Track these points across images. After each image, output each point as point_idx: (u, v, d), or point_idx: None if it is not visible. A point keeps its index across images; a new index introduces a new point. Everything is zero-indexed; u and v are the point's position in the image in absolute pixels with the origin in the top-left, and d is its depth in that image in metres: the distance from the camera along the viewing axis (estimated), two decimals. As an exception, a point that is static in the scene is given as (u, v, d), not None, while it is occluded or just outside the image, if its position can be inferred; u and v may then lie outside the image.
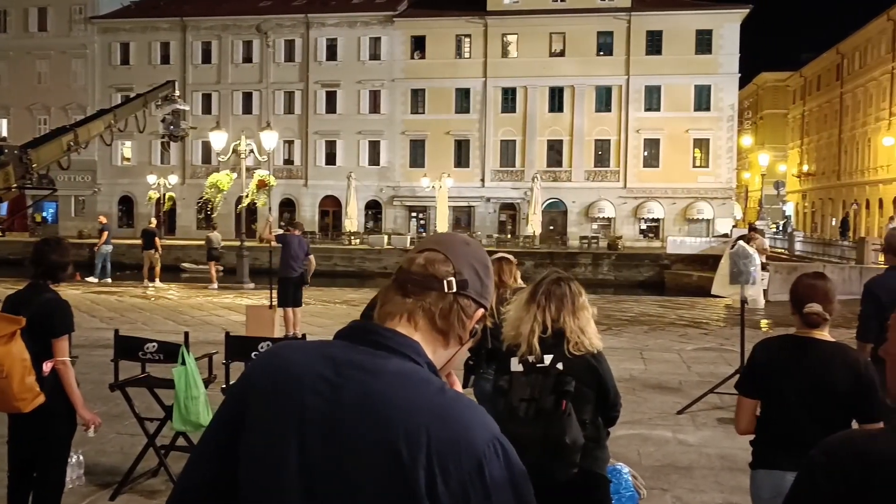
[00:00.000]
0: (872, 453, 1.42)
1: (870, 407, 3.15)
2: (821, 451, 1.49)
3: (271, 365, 1.39)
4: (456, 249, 1.44)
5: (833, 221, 60.36)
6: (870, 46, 58.71)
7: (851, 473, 1.41)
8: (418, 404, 1.28)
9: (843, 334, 5.55)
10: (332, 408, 1.29)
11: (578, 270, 37.48)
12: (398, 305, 1.40)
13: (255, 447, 1.34)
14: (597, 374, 3.45)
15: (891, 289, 4.89)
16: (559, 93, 51.93)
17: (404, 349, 1.34)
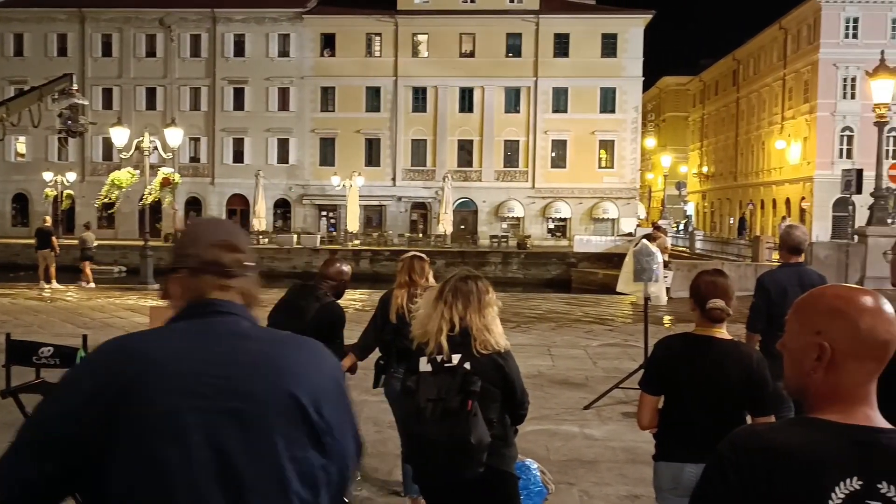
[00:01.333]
0: (775, 446, 1.48)
1: (762, 401, 3.29)
2: (727, 444, 1.54)
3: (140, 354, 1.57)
4: (242, 240, 1.75)
5: (731, 221, 62.84)
6: (763, 54, 61.38)
7: (756, 466, 1.47)
8: (295, 356, 1.63)
9: (738, 329, 5.78)
10: (228, 371, 1.55)
11: (489, 269, 37.84)
12: (225, 287, 1.68)
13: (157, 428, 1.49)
14: (503, 373, 3.48)
15: (780, 284, 5.15)
16: (469, 93, 52.35)
17: (240, 311, 1.67)
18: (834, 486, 1.42)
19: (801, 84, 54.20)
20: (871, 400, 1.52)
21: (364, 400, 7.56)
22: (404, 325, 4.53)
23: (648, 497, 5.07)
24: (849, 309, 1.52)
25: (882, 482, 1.42)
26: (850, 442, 1.45)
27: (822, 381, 1.53)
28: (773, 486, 1.44)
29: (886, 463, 1.43)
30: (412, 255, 5.40)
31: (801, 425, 1.53)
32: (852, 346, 1.50)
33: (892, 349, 1.52)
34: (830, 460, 1.44)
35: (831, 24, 50.58)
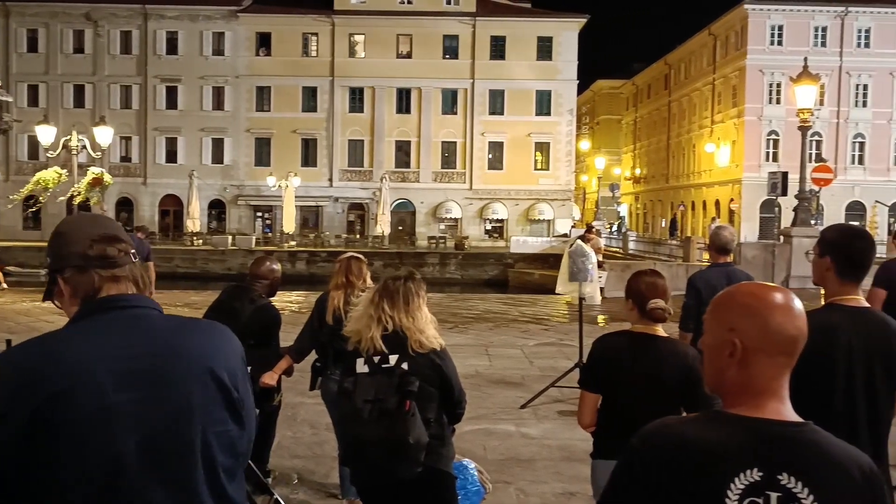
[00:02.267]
0: (685, 439, 1.53)
1: (697, 399, 3.34)
2: (638, 438, 1.59)
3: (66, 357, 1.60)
4: (120, 230, 1.82)
5: (662, 222, 64.20)
6: (693, 59, 62.90)
7: (665, 459, 1.51)
8: (209, 338, 1.77)
9: (669, 328, 5.91)
10: (152, 360, 1.64)
11: (427, 270, 37.88)
12: (116, 278, 1.75)
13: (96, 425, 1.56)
14: (441, 373, 3.50)
15: (710, 283, 5.31)
16: (406, 94, 52.33)
17: (144, 303, 1.75)
18: (733, 478, 1.46)
19: (729, 89, 55.70)
20: (782, 394, 1.57)
21: (300, 402, 7.50)
22: (341, 327, 4.51)
23: (583, 494, 5.16)
24: (758, 306, 1.57)
25: (783, 473, 1.46)
26: (755, 435, 1.50)
27: (734, 377, 1.58)
28: (675, 478, 1.49)
29: (788, 455, 1.48)
30: (349, 255, 5.38)
31: (710, 419, 1.58)
32: (762, 341, 1.55)
33: (801, 344, 1.58)
34: (732, 452, 1.48)
35: (758, 31, 52.11)
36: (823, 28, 52.04)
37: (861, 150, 53.06)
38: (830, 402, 2.77)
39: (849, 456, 1.53)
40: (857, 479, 1.49)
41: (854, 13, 51.72)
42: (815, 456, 1.50)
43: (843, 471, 1.49)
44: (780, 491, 1.46)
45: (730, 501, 1.46)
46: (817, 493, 1.46)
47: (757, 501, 1.46)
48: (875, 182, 51.98)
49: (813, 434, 1.53)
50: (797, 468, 1.47)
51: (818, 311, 2.93)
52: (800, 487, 1.46)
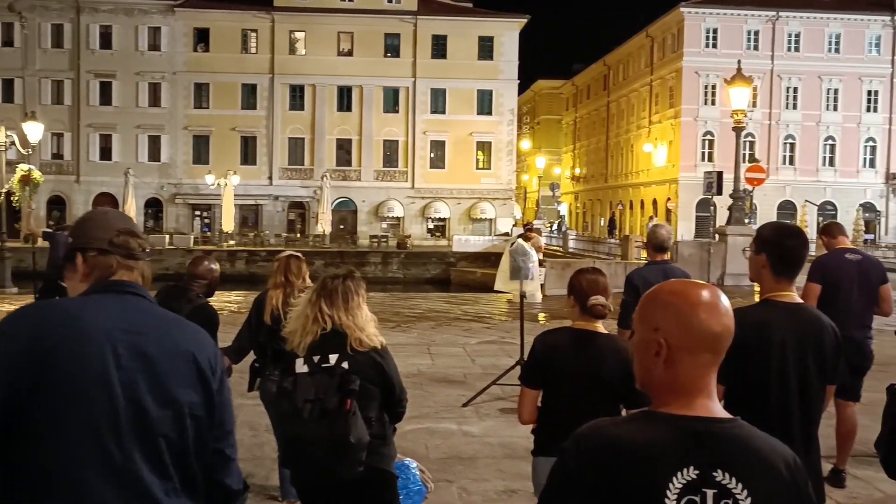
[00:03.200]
0: (615, 440, 1.53)
1: (636, 395, 3.36)
2: (572, 440, 1.59)
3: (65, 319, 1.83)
4: (139, 229, 2.07)
5: (602, 221, 65.13)
6: (631, 60, 63.96)
7: (599, 460, 1.51)
8: (191, 330, 1.99)
9: (607, 325, 5.95)
10: (141, 336, 1.85)
11: (368, 269, 37.74)
12: (130, 268, 1.99)
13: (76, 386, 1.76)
14: (382, 371, 3.47)
15: (647, 280, 5.39)
16: (348, 92, 52.03)
17: (143, 293, 1.97)
18: (671, 477, 1.47)
19: (666, 90, 56.78)
20: (710, 391, 1.58)
21: (240, 404, 7.36)
22: (279, 327, 4.44)
23: (525, 491, 5.18)
24: (681, 304, 1.58)
25: (717, 470, 1.48)
26: (688, 433, 1.51)
27: (662, 375, 1.59)
28: (612, 480, 1.49)
29: (721, 452, 1.50)
30: (288, 254, 5.31)
31: (642, 419, 1.58)
32: (686, 340, 1.56)
33: (724, 341, 1.59)
34: (668, 452, 1.49)
35: (693, 33, 53.24)
36: (756, 32, 53.43)
37: (792, 151, 54.67)
38: (766, 397, 2.81)
39: (774, 450, 1.55)
40: (783, 472, 1.52)
41: (784, 18, 53.24)
42: (745, 451, 1.52)
43: (771, 464, 1.52)
44: (716, 487, 1.47)
45: (669, 501, 1.47)
46: (750, 487, 1.48)
47: (694, 500, 1.46)
48: (805, 182, 53.61)
49: (741, 429, 1.55)
50: (730, 464, 1.49)
51: (754, 307, 2.98)
52: (734, 483, 1.48)
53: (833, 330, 2.96)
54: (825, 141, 54.69)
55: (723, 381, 2.29)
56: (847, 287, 5.31)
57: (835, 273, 5.73)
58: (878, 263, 6.15)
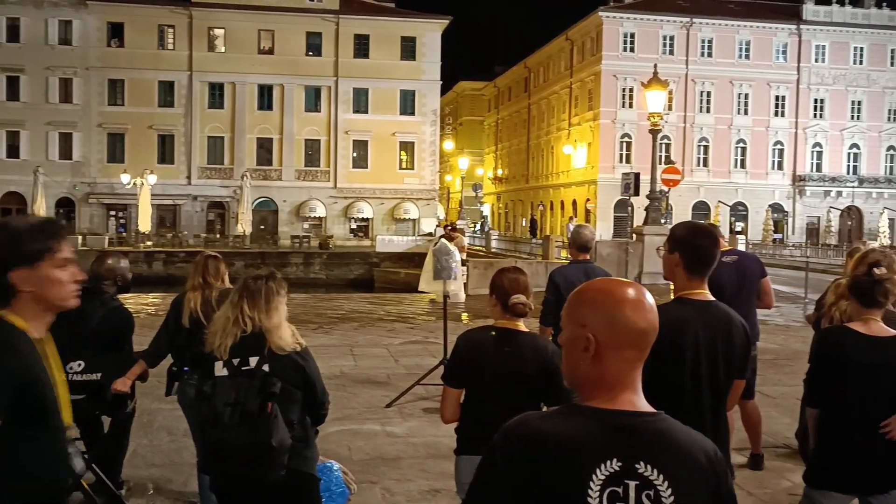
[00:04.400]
0: (545, 435, 1.56)
1: (556, 392, 3.40)
2: (500, 434, 1.61)
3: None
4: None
5: (523, 221, 65.94)
6: (552, 63, 64.95)
7: (525, 454, 1.54)
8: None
9: (528, 323, 6.00)
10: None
11: (290, 270, 37.30)
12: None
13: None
14: (303, 373, 3.44)
15: (569, 279, 5.52)
16: (268, 91, 51.29)
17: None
18: (595, 469, 1.51)
19: (585, 93, 57.86)
20: (636, 386, 1.63)
21: (157, 408, 7.20)
22: (198, 330, 4.34)
23: (449, 491, 5.20)
24: (607, 301, 1.62)
25: (640, 462, 1.52)
26: (612, 426, 1.55)
27: (589, 371, 1.63)
28: (539, 473, 1.52)
29: (644, 444, 1.55)
30: (206, 255, 5.19)
31: (568, 413, 1.62)
32: (612, 335, 1.60)
33: (650, 337, 1.64)
34: (592, 444, 1.53)
35: (611, 37, 54.42)
36: (671, 37, 54.97)
37: (705, 153, 56.44)
38: (679, 392, 2.89)
39: (696, 442, 1.60)
40: (703, 464, 1.57)
41: (698, 24, 54.93)
42: (667, 444, 1.56)
43: (692, 457, 1.57)
44: (638, 479, 1.52)
45: (592, 492, 1.50)
46: (671, 479, 1.52)
47: (617, 491, 1.50)
48: (718, 183, 55.44)
49: (664, 423, 1.60)
50: (652, 456, 1.53)
51: (667, 305, 3.06)
52: (655, 475, 1.52)
53: (743, 326, 3.07)
54: (737, 144, 56.66)
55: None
56: (729, 287, 5.48)
57: (715, 276, 5.94)
58: (756, 259, 6.39)
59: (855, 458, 3.52)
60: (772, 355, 11.15)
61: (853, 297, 3.60)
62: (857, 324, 3.56)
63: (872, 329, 3.51)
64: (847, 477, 3.56)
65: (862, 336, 3.50)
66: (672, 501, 1.51)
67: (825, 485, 3.61)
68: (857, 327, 3.55)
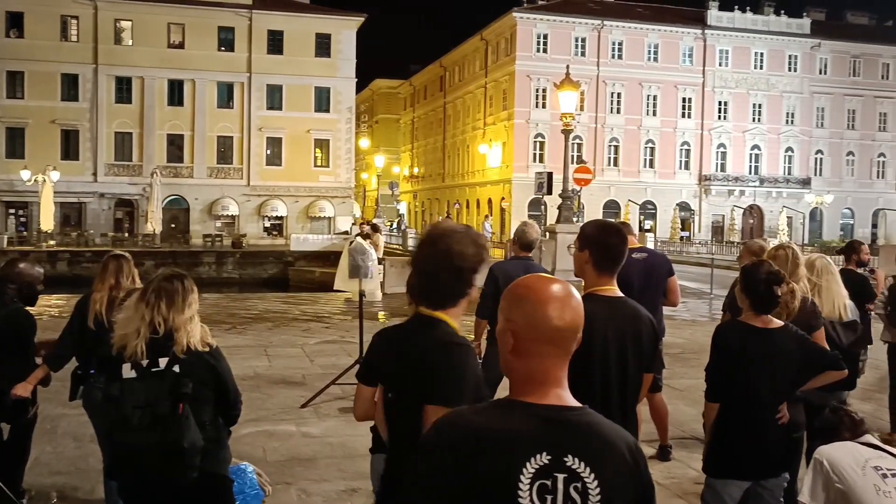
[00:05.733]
0: (477, 428, 1.59)
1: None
2: (433, 428, 1.65)
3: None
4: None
5: (440, 219, 66.14)
6: (467, 62, 65.41)
7: (456, 448, 1.57)
8: None
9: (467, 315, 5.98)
10: None
11: (202, 269, 36.51)
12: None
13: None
14: (216, 373, 3.39)
15: (508, 273, 5.68)
16: (179, 86, 49.98)
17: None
18: (525, 462, 1.55)
19: (500, 92, 58.50)
20: (563, 382, 1.67)
21: (61, 413, 6.96)
22: (104, 331, 4.21)
23: (366, 490, 5.19)
24: (528, 297, 1.67)
25: (568, 455, 1.57)
26: (541, 420, 1.59)
27: (517, 365, 1.67)
28: (470, 466, 1.55)
29: (573, 438, 1.59)
30: (113, 254, 5.04)
31: (500, 407, 1.65)
32: (531, 332, 1.64)
33: (567, 335, 1.67)
34: (522, 438, 1.57)
35: (525, 38, 55.18)
36: (583, 39, 56.09)
37: (616, 153, 57.84)
38: (589, 386, 2.94)
39: (619, 435, 1.66)
40: (626, 457, 1.63)
41: (609, 27, 56.23)
42: (593, 437, 1.61)
43: (616, 449, 1.62)
44: (566, 472, 1.56)
45: (522, 485, 1.53)
46: (597, 471, 1.57)
47: (546, 484, 1.54)
48: (628, 182, 56.90)
49: (590, 417, 1.65)
50: (580, 450, 1.58)
51: None
52: (583, 467, 1.56)
53: (650, 321, 3.17)
54: (646, 144, 58.26)
55: None
56: (637, 284, 5.68)
57: (624, 272, 6.13)
58: (664, 258, 6.63)
59: (750, 446, 3.70)
60: (678, 349, 11.53)
61: (747, 298, 3.78)
62: (750, 317, 3.75)
63: (764, 321, 3.71)
64: (744, 464, 3.74)
65: (756, 329, 3.70)
66: (598, 493, 1.56)
67: (725, 473, 3.78)
68: (750, 321, 3.74)
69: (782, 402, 3.75)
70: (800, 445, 4.17)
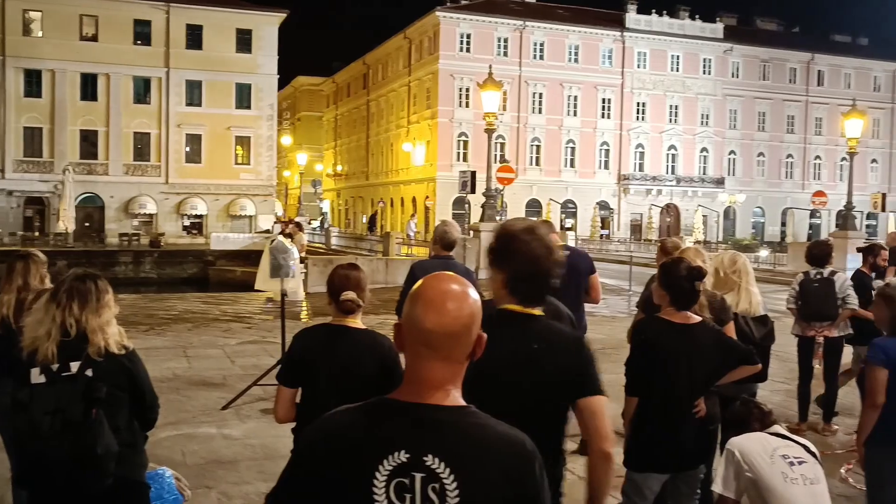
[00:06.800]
0: (342, 427, 1.62)
1: (392, 385, 3.44)
2: (309, 427, 1.68)
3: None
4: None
5: (363, 218, 65.90)
6: (390, 61, 65.28)
7: (325, 447, 1.60)
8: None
9: (372, 319, 6.00)
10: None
11: (119, 269, 35.55)
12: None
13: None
14: (131, 376, 3.29)
15: (427, 272, 5.65)
16: (93, 80, 48.39)
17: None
18: (382, 460, 1.55)
19: (424, 91, 58.58)
20: (442, 383, 1.63)
21: (-33, 421, 6.66)
22: (12, 334, 4.05)
23: (287, 490, 5.13)
24: (413, 295, 1.67)
25: (428, 455, 1.55)
26: (407, 419, 1.59)
27: (406, 362, 1.69)
28: (331, 464, 1.57)
29: (438, 438, 1.57)
30: (20, 254, 4.85)
31: (368, 405, 1.66)
32: (409, 331, 1.64)
33: (442, 339, 1.62)
34: (381, 436, 1.57)
35: (448, 37, 55.38)
36: (505, 39, 56.64)
37: (538, 153, 58.63)
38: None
39: (500, 436, 1.61)
40: (503, 458, 1.59)
41: (530, 28, 56.94)
42: (463, 438, 1.58)
43: (490, 451, 1.58)
44: (425, 471, 1.54)
45: (378, 482, 1.54)
46: (458, 473, 1.54)
47: (403, 482, 1.54)
48: (549, 181, 57.74)
49: (469, 418, 1.62)
50: (442, 450, 1.56)
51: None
52: (442, 468, 1.55)
53: (570, 318, 3.23)
54: (567, 144, 59.22)
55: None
56: (560, 282, 5.78)
57: None
58: (586, 256, 6.76)
59: (669, 440, 3.80)
60: (599, 345, 11.73)
61: (668, 294, 3.87)
62: (668, 313, 3.85)
63: (683, 317, 3.81)
64: (662, 457, 3.84)
65: (673, 325, 3.80)
66: (457, 495, 1.53)
67: (644, 467, 3.87)
68: (668, 317, 3.84)
69: (700, 396, 3.85)
70: (715, 437, 4.30)
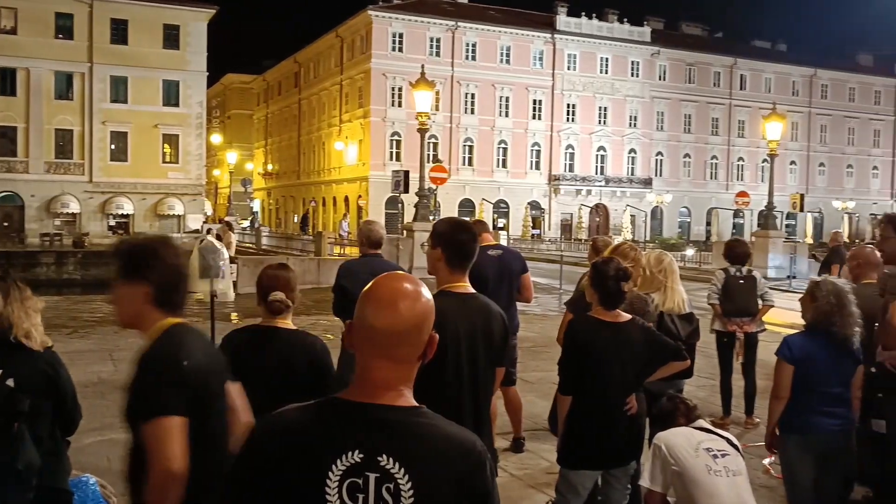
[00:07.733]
0: (291, 427, 1.60)
1: (327, 387, 3.42)
2: (255, 427, 1.68)
3: None
4: None
5: (295, 218, 65.23)
6: (322, 59, 64.75)
7: (275, 447, 1.58)
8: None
9: (303, 320, 5.95)
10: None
11: (40, 271, 34.42)
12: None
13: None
14: (54, 383, 3.20)
15: (353, 271, 5.88)
16: (11, 74, 46.67)
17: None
18: (335, 460, 1.55)
19: (356, 90, 58.28)
20: (391, 382, 1.63)
21: None
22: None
23: (218, 494, 5.06)
24: (365, 296, 1.66)
25: (382, 455, 1.55)
26: (361, 419, 1.59)
27: (357, 361, 1.68)
28: (282, 465, 1.56)
29: (391, 438, 1.58)
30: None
31: (318, 405, 1.65)
32: (358, 330, 1.64)
33: (391, 338, 1.62)
34: (334, 436, 1.57)
35: (381, 37, 55.23)
36: (438, 39, 56.79)
37: (470, 153, 58.96)
38: (441, 381, 2.98)
39: (450, 436, 1.63)
40: (454, 458, 1.60)
41: (462, 28, 57.21)
42: (415, 438, 1.59)
43: (440, 450, 1.59)
44: (379, 472, 1.55)
45: (331, 482, 1.53)
46: (412, 472, 1.55)
47: (357, 482, 1.54)
48: (482, 181, 58.12)
49: (420, 418, 1.63)
50: (396, 450, 1.56)
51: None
52: (396, 468, 1.55)
53: (501, 316, 3.27)
54: (499, 144, 59.70)
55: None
56: (492, 280, 5.85)
57: (480, 269, 6.32)
58: (518, 255, 6.84)
59: (602, 437, 3.89)
60: (530, 343, 11.89)
61: (597, 293, 3.96)
62: (598, 312, 3.94)
63: (613, 315, 3.90)
64: (596, 454, 3.92)
65: (605, 323, 3.88)
66: (411, 495, 1.55)
67: (577, 464, 3.95)
68: (599, 315, 3.92)
69: (631, 393, 3.93)
70: (643, 433, 4.41)
